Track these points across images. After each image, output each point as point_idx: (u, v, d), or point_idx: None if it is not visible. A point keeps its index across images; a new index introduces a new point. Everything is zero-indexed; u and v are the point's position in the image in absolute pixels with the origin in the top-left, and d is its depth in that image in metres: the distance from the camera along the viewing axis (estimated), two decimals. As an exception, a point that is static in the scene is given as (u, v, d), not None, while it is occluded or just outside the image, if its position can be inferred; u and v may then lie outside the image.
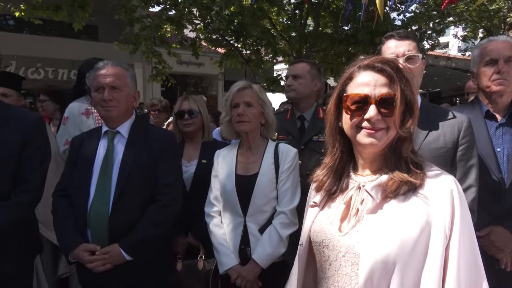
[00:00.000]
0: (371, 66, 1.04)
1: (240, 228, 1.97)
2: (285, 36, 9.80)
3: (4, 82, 2.90)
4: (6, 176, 1.82)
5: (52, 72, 12.77)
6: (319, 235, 1.11)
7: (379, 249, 0.97)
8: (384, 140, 1.02)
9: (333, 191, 1.14)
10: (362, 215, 1.05)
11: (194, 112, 2.43)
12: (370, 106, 1.00)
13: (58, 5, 6.97)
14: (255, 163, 2.01)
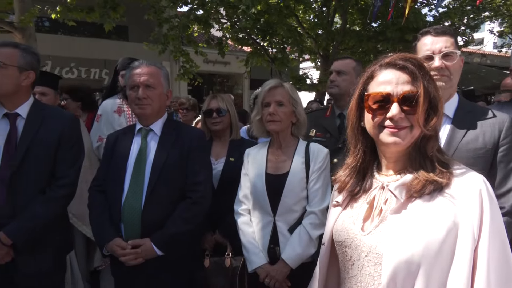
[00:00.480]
0: (393, 63, 1.02)
1: (269, 227, 1.96)
2: (312, 34, 9.72)
3: (43, 81, 3.03)
4: (44, 173, 1.92)
5: (85, 71, 13.24)
6: (341, 234, 1.10)
7: (402, 250, 0.94)
8: (408, 139, 0.99)
9: (356, 191, 1.12)
10: (386, 215, 1.02)
11: (222, 111, 2.46)
12: (393, 104, 0.98)
13: (91, 7, 7.22)
14: (285, 162, 2.00)
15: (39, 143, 1.90)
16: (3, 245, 1.78)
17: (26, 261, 1.87)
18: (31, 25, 6.82)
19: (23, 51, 1.92)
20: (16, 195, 1.84)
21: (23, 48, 1.94)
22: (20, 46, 1.96)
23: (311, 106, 5.69)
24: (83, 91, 3.70)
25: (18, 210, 1.84)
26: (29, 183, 1.88)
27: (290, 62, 9.69)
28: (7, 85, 1.87)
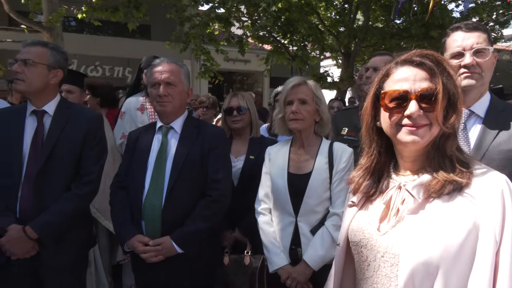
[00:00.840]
0: (409, 60, 0.99)
1: (291, 228, 1.92)
2: (333, 32, 9.60)
3: (69, 79, 3.11)
4: (69, 170, 1.96)
5: (109, 69, 13.56)
6: (357, 234, 1.08)
7: (420, 251, 0.92)
8: (427, 137, 0.96)
9: (371, 193, 1.09)
10: (403, 215, 1.00)
11: (242, 109, 2.45)
12: (410, 102, 0.95)
13: (115, 6, 7.38)
14: (308, 161, 1.95)
15: (64, 141, 1.94)
16: (29, 239, 1.82)
17: (50, 255, 1.91)
18: (58, 25, 7.03)
19: (52, 50, 1.97)
20: (42, 191, 1.88)
21: (52, 47, 1.99)
22: (49, 45, 2.01)
23: (332, 104, 5.61)
24: (102, 87, 3.78)
25: (44, 206, 1.88)
26: (55, 180, 1.92)
27: (311, 60, 9.60)
28: (36, 83, 1.91)
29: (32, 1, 7.36)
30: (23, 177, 1.87)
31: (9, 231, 1.80)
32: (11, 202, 1.86)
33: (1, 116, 1.99)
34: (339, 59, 11.13)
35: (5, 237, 1.79)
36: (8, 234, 1.79)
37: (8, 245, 1.80)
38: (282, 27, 9.12)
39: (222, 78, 10.08)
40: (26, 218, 1.85)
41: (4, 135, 1.91)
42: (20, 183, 1.87)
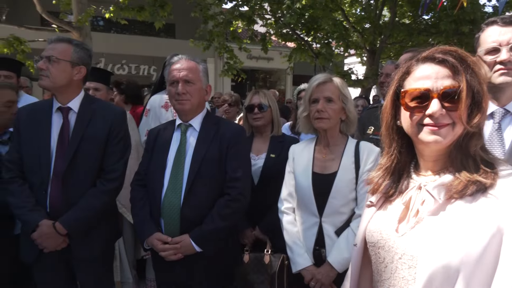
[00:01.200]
0: (431, 57, 0.95)
1: (315, 228, 1.88)
2: (358, 28, 9.42)
3: (96, 77, 3.20)
4: (95, 166, 2.01)
5: (135, 68, 13.89)
6: (374, 235, 1.05)
7: (440, 254, 0.88)
8: (450, 137, 0.93)
9: (390, 193, 1.06)
10: (422, 217, 0.96)
11: (263, 106, 2.43)
12: (432, 100, 0.91)
13: (141, 6, 7.54)
14: (333, 161, 1.89)
15: (89, 138, 1.98)
16: (59, 234, 1.90)
17: (80, 247, 1.99)
18: (87, 25, 7.26)
19: (75, 47, 2.00)
20: (69, 187, 1.94)
21: (76, 44, 2.02)
22: (73, 41, 2.03)
23: (356, 102, 5.51)
24: (128, 85, 3.88)
25: (72, 201, 1.94)
26: (81, 176, 1.97)
27: (335, 57, 9.47)
28: (59, 79, 1.95)
29: (62, 2, 7.62)
30: (51, 174, 1.94)
31: (40, 227, 1.87)
32: (41, 198, 1.94)
33: (30, 112, 2.05)
34: (363, 56, 10.91)
35: (37, 232, 1.87)
36: (40, 229, 1.87)
37: (40, 239, 1.88)
38: (306, 24, 9.03)
39: (245, 76, 10.11)
40: (56, 212, 1.93)
41: (33, 132, 1.97)
42: (49, 179, 1.93)
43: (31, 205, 1.91)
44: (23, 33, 7.66)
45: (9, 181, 1.96)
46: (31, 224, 1.88)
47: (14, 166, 1.97)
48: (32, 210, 1.90)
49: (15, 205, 1.92)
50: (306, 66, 12.05)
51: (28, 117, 2.01)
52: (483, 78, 0.94)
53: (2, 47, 7.47)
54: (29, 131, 1.98)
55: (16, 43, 7.47)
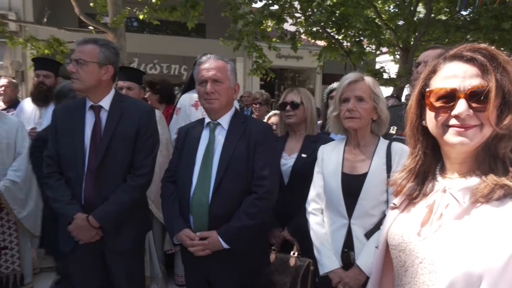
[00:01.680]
0: (459, 55, 0.91)
1: (343, 231, 1.84)
2: (391, 25, 9.14)
3: (129, 76, 3.31)
4: (125, 162, 2.09)
5: (166, 67, 14.21)
6: (395, 238, 1.03)
7: (462, 260, 0.84)
8: (478, 139, 0.88)
9: (414, 195, 1.02)
10: (446, 221, 0.92)
11: (296, 104, 2.38)
12: (459, 100, 0.87)
13: (174, 6, 7.70)
14: (363, 162, 1.85)
15: (120, 135, 2.06)
16: (92, 227, 2.00)
17: (113, 240, 2.09)
18: (121, 26, 7.50)
19: (101, 47, 2.06)
20: (102, 182, 2.04)
21: (102, 44, 2.08)
22: (99, 42, 2.08)
23: (387, 101, 5.37)
24: (161, 84, 3.97)
25: (104, 195, 2.04)
26: (113, 172, 2.06)
27: (366, 56, 9.25)
28: (89, 80, 2.03)
29: (99, 4, 7.92)
30: (85, 169, 2.04)
31: (75, 220, 1.99)
32: (76, 192, 2.05)
33: (65, 111, 2.16)
34: (396, 54, 10.59)
35: (72, 224, 1.99)
36: (75, 222, 1.99)
37: (75, 231, 2.00)
38: (337, 22, 8.87)
39: (273, 75, 10.08)
40: (90, 206, 2.03)
41: (68, 130, 2.08)
42: (84, 175, 2.04)
43: (67, 199, 2.02)
44: (62, 34, 8.03)
45: (48, 176, 2.09)
46: (68, 217, 2.00)
47: (52, 162, 2.10)
48: (68, 203, 2.02)
49: (53, 198, 2.05)
50: (336, 64, 11.86)
51: (64, 116, 2.13)
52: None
53: (43, 48, 7.87)
54: (65, 129, 2.09)
55: (56, 44, 7.85)
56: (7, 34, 7.74)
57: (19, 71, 12.16)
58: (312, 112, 2.43)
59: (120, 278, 2.17)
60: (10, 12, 11.45)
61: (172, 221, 1.97)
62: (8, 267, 3.28)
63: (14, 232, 3.28)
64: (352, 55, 8.91)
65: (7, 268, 3.27)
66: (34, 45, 7.93)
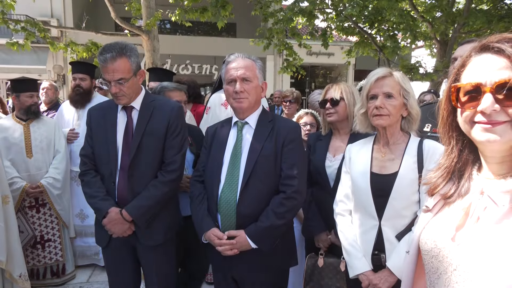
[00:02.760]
0: (488, 47, 0.85)
1: (373, 232, 1.77)
2: (427, 18, 8.75)
3: (161, 77, 3.39)
4: (156, 159, 2.15)
5: (198, 67, 14.46)
6: (428, 242, 0.97)
7: (502, 268, 0.77)
8: (508, 136, 0.81)
9: (449, 195, 0.96)
10: (484, 225, 0.85)
11: (336, 101, 2.28)
12: (484, 95, 0.82)
13: (204, 7, 7.81)
14: (393, 161, 1.77)
15: (150, 133, 2.13)
16: (125, 220, 2.08)
17: (144, 234, 2.16)
18: (155, 28, 7.71)
19: (130, 57, 2.06)
20: (134, 179, 2.11)
21: (129, 54, 2.05)
22: (126, 52, 2.04)
23: (424, 97, 5.13)
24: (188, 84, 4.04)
25: (137, 191, 2.11)
26: (144, 168, 2.13)
27: (401, 50, 8.91)
28: (133, 92, 2.11)
29: (134, 8, 8.19)
30: (118, 166, 2.12)
31: (109, 213, 2.07)
32: (110, 188, 2.14)
33: (99, 111, 2.25)
34: (433, 47, 10.14)
35: (107, 218, 2.08)
36: (109, 216, 2.07)
37: (109, 225, 2.08)
38: (369, 16, 8.62)
39: (304, 72, 9.97)
40: (123, 201, 2.11)
41: (102, 129, 2.17)
42: (117, 171, 2.12)
43: (102, 195, 2.11)
44: (99, 38, 8.38)
45: (84, 173, 2.20)
46: (102, 211, 2.08)
47: (88, 160, 2.20)
48: (103, 199, 2.10)
49: (88, 194, 2.14)
50: (369, 60, 11.55)
51: (98, 116, 2.22)
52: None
53: (82, 52, 8.25)
54: (99, 128, 2.18)
55: (93, 47, 8.20)
56: (48, 39, 8.17)
57: (60, 75, 12.85)
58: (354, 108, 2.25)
59: (150, 272, 2.23)
60: (52, 18, 12.11)
61: (201, 221, 1.97)
62: (51, 258, 3.52)
63: (56, 225, 3.52)
64: (385, 50, 8.61)
65: (51, 259, 3.51)
66: (74, 49, 8.33)
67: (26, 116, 3.39)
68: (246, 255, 1.89)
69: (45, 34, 8.08)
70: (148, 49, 7.80)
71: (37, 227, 3.42)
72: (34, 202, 3.37)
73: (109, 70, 2.01)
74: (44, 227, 3.45)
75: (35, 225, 3.41)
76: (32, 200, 3.36)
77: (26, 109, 3.36)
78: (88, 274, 3.81)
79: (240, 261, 1.92)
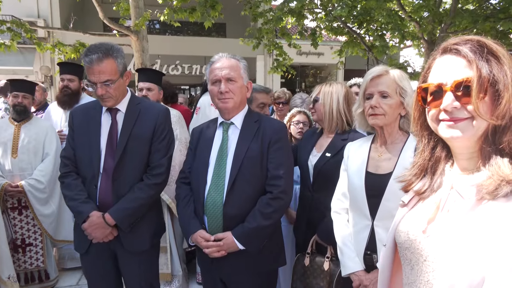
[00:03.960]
0: (447, 49, 0.91)
1: (366, 232, 1.76)
2: (415, 18, 8.84)
3: (150, 78, 3.37)
4: (142, 162, 2.11)
5: (188, 68, 14.40)
6: (402, 235, 1.02)
7: (464, 259, 0.82)
8: (470, 132, 0.86)
9: (422, 191, 1.01)
10: (452, 218, 0.90)
11: (315, 100, 2.32)
12: (445, 94, 0.87)
13: (193, 7, 7.77)
14: (389, 160, 1.75)
15: (136, 137, 2.09)
16: (107, 225, 2.02)
17: (127, 240, 2.10)
18: (144, 28, 7.65)
19: (117, 58, 2.02)
20: (118, 182, 2.06)
21: (116, 55, 2.02)
22: (113, 53, 2.00)
23: (412, 96, 5.15)
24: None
25: (120, 195, 2.06)
26: (129, 172, 2.08)
27: (390, 50, 9.00)
28: (119, 94, 2.07)
29: (122, 8, 8.11)
30: (101, 170, 2.07)
31: (90, 217, 2.01)
32: (91, 191, 2.08)
33: (83, 112, 2.19)
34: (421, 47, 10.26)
35: (87, 222, 2.01)
36: (90, 220, 2.01)
37: (90, 229, 2.01)
38: (358, 16, 8.68)
39: (294, 72, 10.00)
40: (105, 205, 2.06)
41: (85, 131, 2.12)
42: (99, 175, 2.07)
43: (83, 198, 2.05)
44: (87, 38, 8.27)
45: (64, 175, 2.13)
46: (83, 215, 2.02)
47: (69, 162, 2.13)
48: (84, 202, 2.04)
49: (69, 197, 2.08)
50: (358, 60, 11.65)
51: (81, 117, 2.16)
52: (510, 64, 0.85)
53: (70, 53, 8.15)
54: (81, 129, 2.13)
55: (81, 48, 8.10)
56: (35, 40, 8.05)
57: (48, 76, 12.66)
58: (331, 107, 2.29)
59: (133, 282, 2.18)
60: (38, 19, 11.94)
61: (187, 223, 1.96)
62: (32, 263, 3.42)
63: (38, 229, 3.41)
64: (374, 49, 8.69)
65: (32, 264, 3.42)
66: (62, 50, 8.22)
67: (16, 116, 3.35)
68: (234, 257, 1.88)
69: (31, 34, 7.95)
70: (137, 49, 7.73)
71: (19, 230, 3.33)
72: (17, 204, 3.31)
73: (95, 71, 1.96)
74: (26, 231, 3.36)
75: (17, 227, 3.33)
76: (15, 202, 3.30)
77: (12, 109, 3.34)
78: (78, 277, 3.78)
79: (228, 263, 1.91)
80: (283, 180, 1.89)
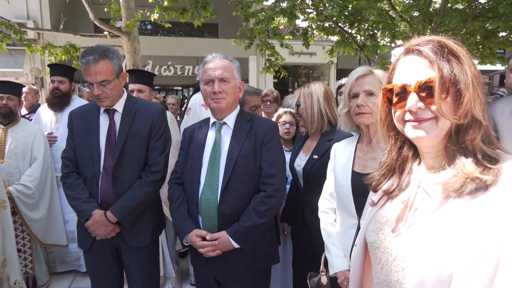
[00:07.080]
0: (410, 50, 0.92)
1: (352, 230, 1.77)
2: (406, 17, 8.93)
3: (140, 79, 3.36)
4: (140, 161, 2.17)
5: (180, 68, 14.35)
6: (372, 234, 1.02)
7: (432, 257, 0.82)
8: (435, 131, 0.87)
9: (390, 191, 1.02)
10: (419, 216, 0.91)
11: (297, 104, 2.37)
12: (409, 95, 0.88)
13: (184, 7, 7.74)
14: (374, 160, 1.76)
15: (133, 136, 2.14)
16: (109, 222, 2.08)
17: (129, 236, 2.17)
18: (135, 29, 7.60)
19: (112, 59, 2.08)
20: (118, 181, 2.12)
21: (111, 57, 2.07)
22: (108, 54, 2.05)
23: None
24: None
25: (120, 193, 2.13)
26: (128, 170, 2.14)
27: (381, 49, 9.07)
28: (115, 95, 2.13)
29: (113, 9, 8.06)
30: (101, 169, 2.12)
31: (93, 215, 2.07)
32: (93, 190, 2.14)
33: (81, 114, 2.24)
34: (412, 46, 10.32)
35: (90, 220, 2.07)
36: (92, 218, 2.07)
37: (93, 227, 2.07)
38: (349, 16, 8.74)
39: (286, 73, 10.02)
40: (106, 204, 2.12)
41: (84, 132, 2.17)
42: (100, 174, 2.12)
43: (85, 197, 2.11)
44: (78, 40, 8.21)
45: (66, 176, 2.19)
46: (86, 213, 2.08)
47: (70, 162, 2.19)
48: (86, 201, 2.10)
49: (71, 196, 2.13)
50: (350, 59, 11.72)
51: (80, 119, 2.22)
52: (472, 65, 0.87)
53: (60, 54, 8.07)
54: (81, 131, 2.18)
55: (72, 50, 8.03)
56: (25, 42, 7.96)
57: (38, 78, 12.52)
58: (313, 109, 2.30)
59: (135, 274, 2.23)
60: (28, 20, 11.80)
61: (181, 223, 1.96)
62: (21, 269, 3.38)
63: (27, 235, 3.35)
64: (366, 49, 8.74)
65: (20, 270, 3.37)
66: (52, 52, 8.13)
67: (2, 119, 3.30)
68: (228, 256, 1.90)
69: (21, 36, 7.86)
70: (129, 50, 7.68)
71: (7, 236, 3.30)
72: (6, 209, 3.28)
73: (91, 72, 2.02)
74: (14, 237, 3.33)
75: (5, 233, 3.30)
76: (4, 207, 3.26)
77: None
78: (70, 280, 3.75)
79: (222, 262, 1.92)
80: (277, 178, 1.92)
